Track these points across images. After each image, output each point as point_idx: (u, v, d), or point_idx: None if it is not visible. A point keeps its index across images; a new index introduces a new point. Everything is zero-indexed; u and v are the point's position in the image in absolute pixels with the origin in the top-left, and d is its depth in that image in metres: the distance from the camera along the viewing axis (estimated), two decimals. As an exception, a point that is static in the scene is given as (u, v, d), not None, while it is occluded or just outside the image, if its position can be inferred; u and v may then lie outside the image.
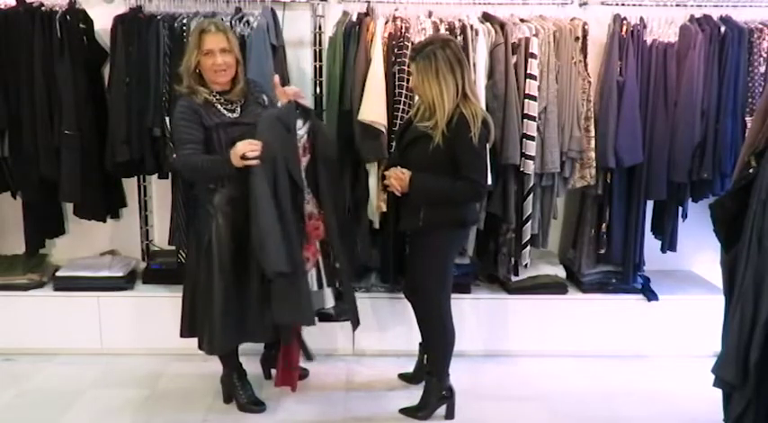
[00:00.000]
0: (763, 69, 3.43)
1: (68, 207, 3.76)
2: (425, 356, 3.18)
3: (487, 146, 2.88)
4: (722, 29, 3.41)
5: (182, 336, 3.03)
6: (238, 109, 2.90)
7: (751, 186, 2.25)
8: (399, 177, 2.84)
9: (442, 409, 3.05)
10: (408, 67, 3.05)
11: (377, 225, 3.45)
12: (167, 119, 3.30)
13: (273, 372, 3.35)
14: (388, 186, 2.90)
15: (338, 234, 2.95)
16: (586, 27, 3.46)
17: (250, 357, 3.28)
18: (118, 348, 3.61)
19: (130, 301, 3.61)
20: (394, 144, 3.17)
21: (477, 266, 3.78)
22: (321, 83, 3.61)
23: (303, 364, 3.29)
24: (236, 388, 3.11)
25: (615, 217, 3.57)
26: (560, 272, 3.73)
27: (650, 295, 3.65)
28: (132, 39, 3.35)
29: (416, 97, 2.99)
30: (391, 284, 3.56)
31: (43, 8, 3.41)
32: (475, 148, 2.73)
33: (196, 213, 2.93)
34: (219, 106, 2.85)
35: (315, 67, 3.64)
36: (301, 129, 2.86)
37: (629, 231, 3.58)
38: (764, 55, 3.43)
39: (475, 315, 3.62)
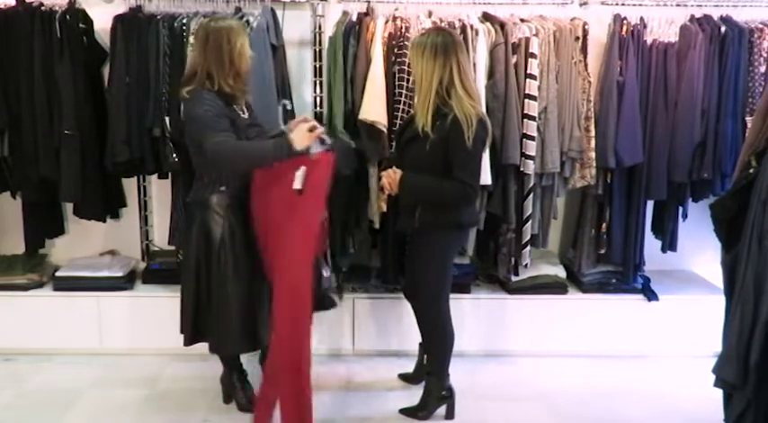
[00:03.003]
0: (763, 69, 3.43)
1: (68, 207, 3.76)
2: (425, 356, 3.18)
3: (486, 146, 2.88)
4: (722, 29, 3.41)
5: (186, 344, 2.98)
6: (246, 111, 2.93)
7: (751, 186, 2.24)
8: (391, 176, 2.85)
9: (441, 409, 3.04)
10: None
11: (377, 225, 3.45)
12: (167, 119, 3.30)
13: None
14: (383, 186, 2.92)
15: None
16: (586, 27, 3.45)
17: (250, 357, 3.27)
18: (117, 348, 3.61)
19: (130, 302, 3.61)
20: (394, 143, 3.17)
21: (477, 266, 3.78)
22: (321, 83, 3.61)
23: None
24: (236, 388, 3.10)
25: (615, 217, 3.57)
26: (560, 272, 3.73)
27: (650, 295, 3.64)
28: (132, 39, 3.35)
29: (416, 97, 2.99)
30: (391, 284, 3.56)
31: (43, 8, 3.41)
32: (468, 150, 2.73)
33: (199, 215, 2.89)
34: (235, 107, 2.87)
35: (315, 67, 3.64)
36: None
37: (629, 231, 3.58)
38: (765, 55, 3.43)
39: (475, 315, 3.62)
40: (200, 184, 2.91)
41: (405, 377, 3.38)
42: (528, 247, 3.52)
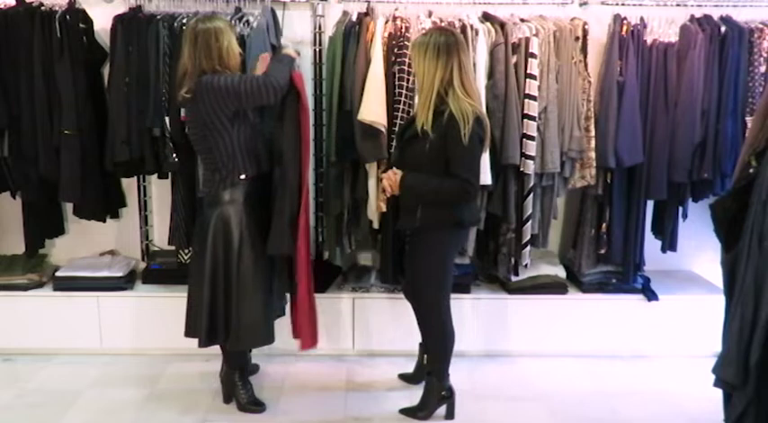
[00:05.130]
0: (763, 69, 3.43)
1: (68, 207, 3.76)
2: (425, 356, 3.18)
3: (484, 144, 2.87)
4: (722, 29, 3.41)
5: (202, 346, 2.97)
6: None
7: (751, 186, 2.24)
8: (391, 178, 2.86)
9: (442, 409, 3.04)
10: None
11: (376, 225, 3.45)
12: (167, 119, 3.31)
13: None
14: (385, 188, 2.93)
15: None
16: (586, 27, 3.46)
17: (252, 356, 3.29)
18: (118, 348, 3.61)
19: (130, 301, 3.61)
20: (394, 143, 3.17)
21: (477, 266, 3.78)
22: (321, 83, 3.61)
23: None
24: (237, 387, 3.10)
25: (615, 217, 3.57)
26: (560, 272, 3.73)
27: (650, 295, 3.64)
28: (132, 39, 3.35)
29: (418, 97, 3.00)
30: (391, 284, 3.56)
31: (43, 8, 3.41)
32: (464, 146, 2.72)
33: (214, 212, 2.90)
34: None
35: (315, 67, 3.64)
36: None
37: (629, 231, 3.58)
38: (765, 55, 3.43)
39: (475, 315, 3.62)
40: (215, 179, 2.91)
41: (405, 377, 3.38)
42: (528, 247, 3.52)
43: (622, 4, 3.55)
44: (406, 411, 3.06)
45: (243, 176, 2.89)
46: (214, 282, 2.91)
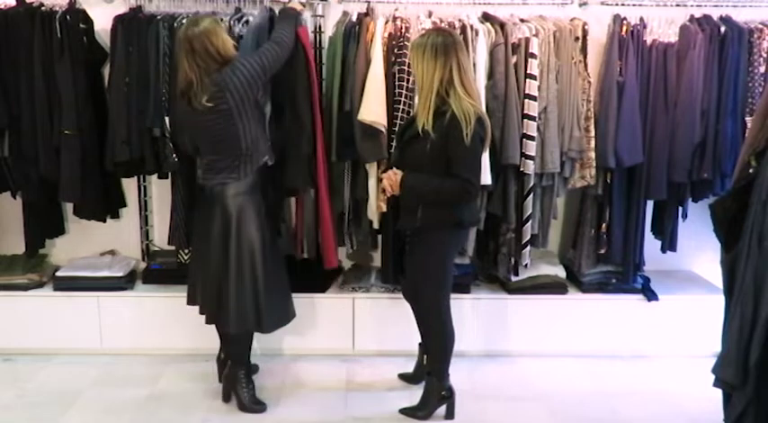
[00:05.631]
0: (763, 69, 3.43)
1: (68, 207, 3.76)
2: (425, 356, 3.18)
3: (485, 145, 2.88)
4: (722, 29, 3.41)
5: (233, 331, 3.04)
6: None
7: (751, 186, 2.24)
8: (391, 178, 2.86)
9: (442, 409, 3.05)
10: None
11: (377, 225, 3.45)
12: (167, 119, 3.31)
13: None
14: (385, 188, 2.93)
15: None
16: (586, 27, 3.46)
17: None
18: (118, 348, 3.61)
19: (130, 301, 3.61)
20: (394, 143, 3.17)
21: (478, 266, 3.78)
22: (321, 83, 3.61)
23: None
24: (240, 384, 3.10)
25: (615, 217, 3.57)
26: (560, 272, 3.73)
27: (650, 295, 3.65)
28: (132, 39, 3.35)
29: (417, 97, 3.00)
30: (391, 284, 3.56)
31: (43, 8, 3.41)
32: (466, 146, 2.73)
33: (237, 201, 2.96)
34: None
35: (315, 67, 3.63)
36: None
37: (629, 231, 3.58)
38: (764, 55, 3.43)
39: (475, 315, 3.62)
40: (232, 169, 2.95)
41: (405, 377, 3.38)
42: (528, 247, 3.52)
43: (622, 5, 3.55)
44: (406, 411, 3.07)
45: (266, 159, 3.02)
46: (240, 270, 2.96)
